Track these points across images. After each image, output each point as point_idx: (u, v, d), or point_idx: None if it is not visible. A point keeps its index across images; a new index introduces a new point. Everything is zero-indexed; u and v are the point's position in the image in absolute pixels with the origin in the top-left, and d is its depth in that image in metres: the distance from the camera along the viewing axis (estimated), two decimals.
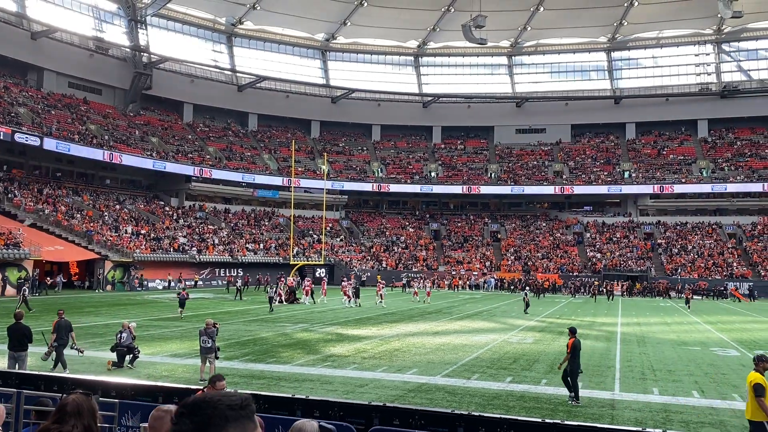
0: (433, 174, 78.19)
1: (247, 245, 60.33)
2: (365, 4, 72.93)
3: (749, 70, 77.79)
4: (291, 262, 52.39)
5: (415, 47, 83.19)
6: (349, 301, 37.04)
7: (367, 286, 55.19)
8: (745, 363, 18.16)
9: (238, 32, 77.94)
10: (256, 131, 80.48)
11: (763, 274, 57.89)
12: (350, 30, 78.62)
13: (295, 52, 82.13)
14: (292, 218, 61.06)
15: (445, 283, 61.08)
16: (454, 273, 63.74)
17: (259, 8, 72.91)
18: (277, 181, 70.04)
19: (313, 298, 40.17)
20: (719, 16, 67.05)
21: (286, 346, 20.12)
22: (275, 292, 34.67)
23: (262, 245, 61.84)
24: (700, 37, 77.45)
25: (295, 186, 62.35)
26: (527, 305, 35.23)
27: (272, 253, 61.14)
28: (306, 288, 41.13)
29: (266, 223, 68.75)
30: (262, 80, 77.64)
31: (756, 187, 67.16)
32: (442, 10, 73.75)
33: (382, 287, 40.02)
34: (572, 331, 13.49)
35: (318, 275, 56.95)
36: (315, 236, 67.00)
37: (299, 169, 70.78)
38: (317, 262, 58.38)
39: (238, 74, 78.18)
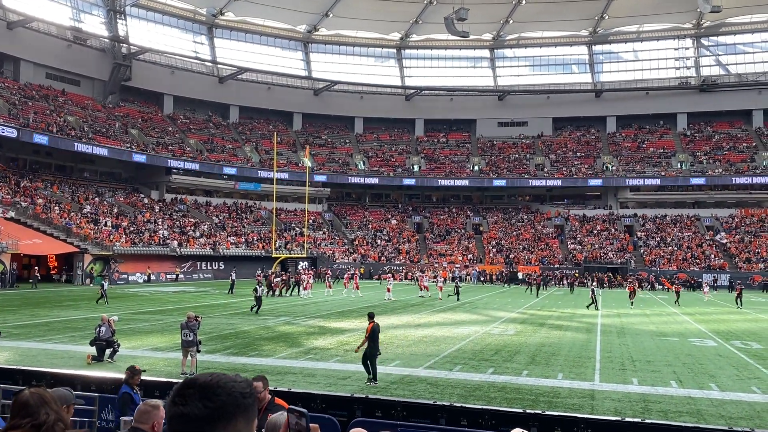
0: (415, 167, 78.27)
1: (229, 238, 59.99)
2: None
3: (728, 65, 78.76)
4: (273, 255, 52.23)
5: (398, 39, 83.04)
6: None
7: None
8: (721, 353, 18.47)
9: (219, 23, 77.22)
10: (238, 123, 79.92)
11: (740, 266, 58.82)
12: (332, 21, 78.22)
13: (277, 44, 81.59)
14: (274, 211, 60.81)
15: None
16: (437, 265, 63.91)
17: None
18: (259, 173, 69.65)
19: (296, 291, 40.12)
20: (698, 10, 67.71)
21: (268, 339, 20.07)
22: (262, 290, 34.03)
23: (244, 238, 61.54)
24: (680, 32, 78.21)
25: (277, 178, 62.01)
26: (594, 301, 33.07)
27: (254, 246, 60.87)
28: (308, 281, 40.97)
29: (248, 216, 68.39)
30: (244, 72, 77.06)
31: (734, 180, 68.12)
32: (425, 2, 73.66)
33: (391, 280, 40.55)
34: (370, 316, 13.99)
35: (301, 268, 56.86)
36: (297, 229, 66.79)
37: (281, 161, 70.43)
38: (300, 255, 58.25)
39: (219, 66, 77.50)
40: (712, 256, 61.15)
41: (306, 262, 60.01)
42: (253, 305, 28.04)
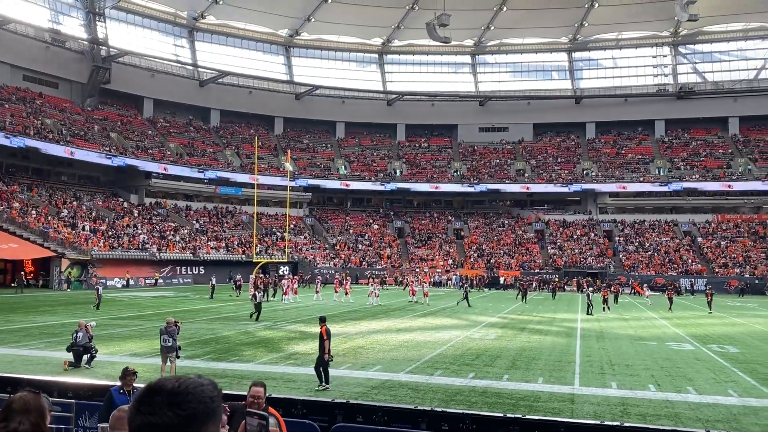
0: (397, 172, 78.37)
1: (209, 243, 59.54)
2: (329, 1, 72.64)
3: (704, 72, 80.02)
4: (254, 260, 51.88)
5: (380, 45, 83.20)
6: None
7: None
8: (699, 357, 18.69)
9: (200, 27, 76.81)
10: (219, 127, 79.44)
11: (716, 270, 59.67)
12: (314, 26, 78.19)
13: (259, 48, 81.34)
14: (255, 215, 60.50)
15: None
16: (417, 270, 63.99)
17: (221, 2, 71.95)
18: (239, 177, 69.28)
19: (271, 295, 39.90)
20: (676, 19, 68.77)
21: (249, 344, 19.94)
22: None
23: (224, 243, 61.12)
24: (658, 39, 79.31)
25: (258, 183, 61.69)
26: (590, 306, 32.88)
27: (234, 250, 60.48)
28: (289, 286, 40.48)
29: (229, 221, 67.96)
30: (225, 75, 76.69)
31: (710, 186, 69.17)
32: (407, 8, 73.91)
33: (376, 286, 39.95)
34: (322, 320, 14.39)
35: (281, 272, 56.60)
36: (278, 234, 66.50)
37: (262, 165, 70.11)
38: (281, 260, 57.98)
39: (199, 69, 77.02)
40: (690, 261, 61.97)
41: (287, 267, 59.75)
42: (253, 312, 27.63)
